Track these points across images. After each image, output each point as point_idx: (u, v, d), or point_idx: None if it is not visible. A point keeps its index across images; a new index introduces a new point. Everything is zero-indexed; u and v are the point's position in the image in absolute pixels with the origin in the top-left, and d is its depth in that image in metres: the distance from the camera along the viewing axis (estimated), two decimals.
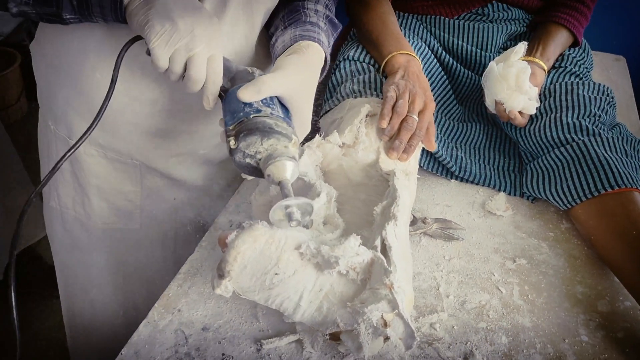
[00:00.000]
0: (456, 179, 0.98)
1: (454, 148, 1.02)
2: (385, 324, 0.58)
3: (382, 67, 0.96)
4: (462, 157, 1.00)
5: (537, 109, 0.96)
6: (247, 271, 0.60)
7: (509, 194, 0.95)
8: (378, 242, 0.64)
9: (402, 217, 0.69)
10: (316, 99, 1.19)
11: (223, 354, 0.65)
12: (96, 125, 0.66)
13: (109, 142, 0.86)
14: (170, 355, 0.65)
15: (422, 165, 0.97)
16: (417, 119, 0.83)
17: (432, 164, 0.99)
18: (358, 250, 0.61)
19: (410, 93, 0.84)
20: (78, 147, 0.65)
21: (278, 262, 0.60)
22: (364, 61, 1.01)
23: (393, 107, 0.83)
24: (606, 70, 1.47)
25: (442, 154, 0.96)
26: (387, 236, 0.65)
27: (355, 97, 0.93)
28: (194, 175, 0.96)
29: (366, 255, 0.61)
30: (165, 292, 0.74)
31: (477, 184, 0.97)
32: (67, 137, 0.87)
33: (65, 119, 0.85)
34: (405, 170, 0.79)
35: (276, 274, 0.60)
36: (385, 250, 0.64)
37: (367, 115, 0.85)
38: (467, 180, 0.98)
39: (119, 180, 0.91)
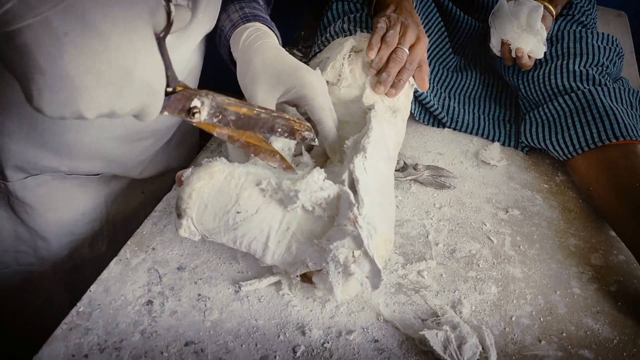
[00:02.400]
0: (449, 128, 0.94)
1: (447, 98, 0.97)
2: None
3: (373, 4, 0.90)
4: (454, 106, 0.95)
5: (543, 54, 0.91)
6: (209, 211, 0.56)
7: (504, 144, 0.91)
8: (346, 176, 0.59)
9: (375, 151, 0.64)
10: (306, 40, 1.12)
11: (199, 294, 0.61)
12: None
13: (66, 166, 0.74)
14: (143, 293, 0.61)
15: (413, 114, 0.93)
16: (407, 51, 0.76)
17: (424, 114, 0.94)
18: (322, 184, 0.56)
19: (402, 25, 0.78)
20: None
21: (238, 200, 0.56)
22: (357, 1, 0.95)
23: (383, 38, 0.77)
24: (607, 25, 1.43)
25: (434, 104, 0.91)
26: (355, 169, 0.59)
27: (345, 35, 0.87)
28: (160, 167, 0.88)
29: (332, 189, 0.57)
30: (139, 230, 0.69)
31: (470, 134, 0.93)
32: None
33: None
34: (392, 107, 0.74)
35: (238, 212, 0.56)
36: (353, 184, 0.59)
37: (352, 51, 0.79)
38: (460, 130, 0.94)
39: (80, 201, 0.79)
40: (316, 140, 0.59)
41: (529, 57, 0.91)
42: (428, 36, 1.01)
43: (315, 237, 0.57)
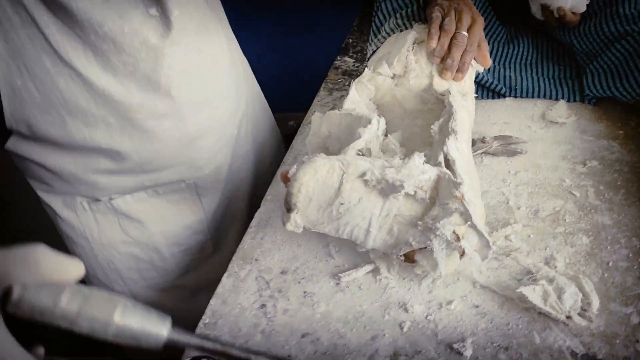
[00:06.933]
0: (510, 97, 0.95)
1: (501, 69, 0.98)
2: (458, 238, 0.58)
3: None
4: (510, 75, 0.96)
5: (588, 6, 0.90)
6: (313, 204, 0.61)
7: (568, 100, 0.91)
8: (441, 158, 0.63)
9: (462, 132, 0.68)
10: (354, 47, 1.15)
11: (305, 292, 0.67)
12: None
13: (154, 177, 0.85)
14: (256, 299, 0.67)
15: None
16: (466, 35, 0.79)
17: (481, 90, 0.96)
18: (423, 168, 0.60)
19: (455, 11, 0.81)
20: None
21: (342, 192, 0.60)
22: None
23: (440, 26, 0.80)
24: None
25: (489, 79, 0.93)
26: (449, 151, 0.64)
27: (401, 30, 0.91)
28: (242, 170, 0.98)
29: (432, 172, 0.60)
30: (240, 246, 0.76)
31: (532, 98, 0.94)
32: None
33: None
34: (461, 91, 0.77)
35: (341, 203, 0.60)
36: (449, 164, 0.63)
37: (414, 43, 0.83)
38: (521, 97, 0.94)
39: (181, 215, 0.88)
40: None
41: (573, 13, 0.90)
42: None
43: (416, 219, 0.61)
